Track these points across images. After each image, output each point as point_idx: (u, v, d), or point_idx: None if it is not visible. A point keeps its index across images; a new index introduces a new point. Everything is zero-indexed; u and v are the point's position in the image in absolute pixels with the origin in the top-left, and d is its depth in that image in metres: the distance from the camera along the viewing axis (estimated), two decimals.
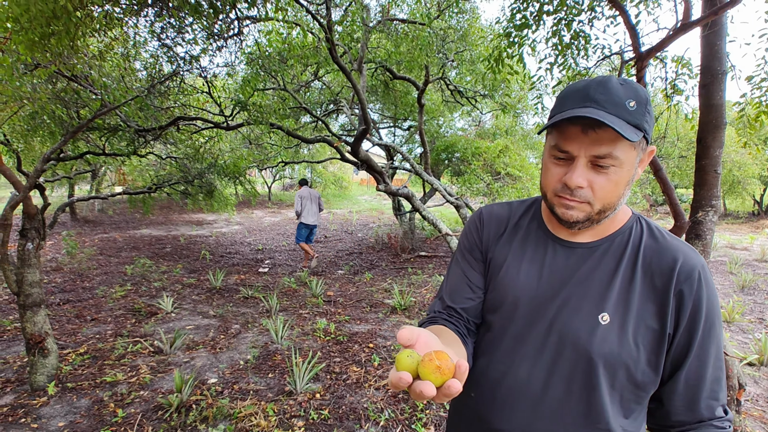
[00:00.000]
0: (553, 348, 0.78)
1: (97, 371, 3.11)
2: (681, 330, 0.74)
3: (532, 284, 0.83)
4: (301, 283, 5.92)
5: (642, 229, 0.81)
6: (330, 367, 3.25)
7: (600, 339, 0.74)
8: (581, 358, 0.76)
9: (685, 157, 8.89)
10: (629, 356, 0.74)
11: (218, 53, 4.11)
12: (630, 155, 0.71)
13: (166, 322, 4.25)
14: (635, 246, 0.79)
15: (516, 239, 0.89)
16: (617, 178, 0.72)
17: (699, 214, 2.00)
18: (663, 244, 0.78)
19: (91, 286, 5.61)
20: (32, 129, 4.53)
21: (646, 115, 0.70)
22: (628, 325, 0.74)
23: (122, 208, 15.43)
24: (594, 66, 2.76)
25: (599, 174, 0.72)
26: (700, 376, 0.74)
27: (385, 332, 4.03)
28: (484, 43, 5.20)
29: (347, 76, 4.18)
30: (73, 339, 3.73)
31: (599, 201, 0.73)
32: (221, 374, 3.13)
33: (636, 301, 0.75)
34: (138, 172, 8.27)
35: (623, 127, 0.67)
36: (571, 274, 0.80)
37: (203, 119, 4.60)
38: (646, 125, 0.70)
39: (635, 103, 0.70)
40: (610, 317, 0.75)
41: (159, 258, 7.70)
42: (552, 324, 0.78)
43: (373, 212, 17.69)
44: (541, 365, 0.79)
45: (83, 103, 3.45)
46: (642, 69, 1.95)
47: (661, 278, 0.75)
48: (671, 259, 0.75)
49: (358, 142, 4.67)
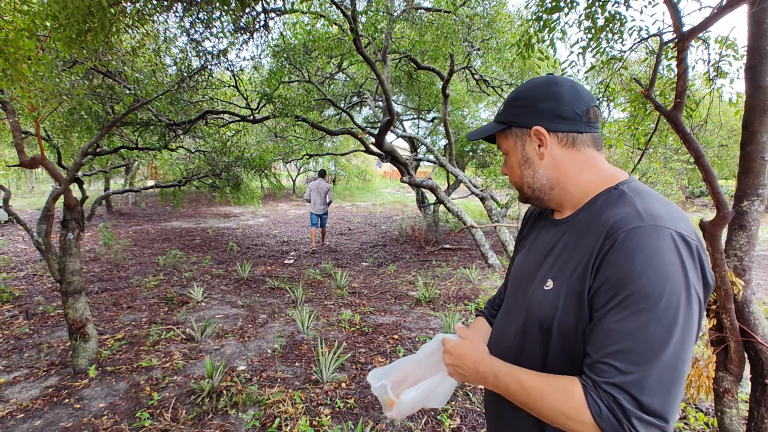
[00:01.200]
0: (522, 316, 0.86)
1: (134, 356, 3.25)
2: (595, 291, 0.70)
3: (520, 261, 0.96)
4: (326, 275, 5.99)
5: (610, 198, 0.78)
6: (355, 358, 3.28)
7: (539, 304, 0.80)
8: (530, 323, 0.83)
9: (726, 146, 8.44)
10: (560, 319, 0.75)
11: (245, 47, 4.17)
12: (508, 143, 0.88)
13: (196, 311, 4.39)
14: (594, 215, 0.78)
15: (537, 225, 0.98)
16: (511, 162, 0.89)
17: (744, 203, 1.89)
18: (616, 209, 0.74)
19: (126, 276, 5.85)
20: (71, 124, 4.73)
21: (510, 109, 0.86)
22: (562, 290, 0.76)
23: (154, 201, 16.00)
24: (629, 50, 2.64)
25: (505, 164, 0.92)
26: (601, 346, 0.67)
27: (409, 324, 4.03)
28: (511, 30, 5.06)
29: (372, 67, 4.16)
30: (111, 325, 3.91)
31: (514, 183, 0.91)
32: (250, 362, 3.21)
33: (571, 265, 0.76)
34: (168, 165, 8.54)
35: (490, 128, 0.89)
36: (546, 248, 0.86)
37: (230, 112, 4.68)
38: (511, 117, 0.86)
39: (503, 103, 0.89)
40: (553, 283, 0.79)
41: (189, 249, 7.95)
42: (527, 295, 0.86)
43: (397, 205, 17.68)
44: (515, 334, 0.87)
45: (117, 99, 3.57)
46: (683, 51, 1.85)
47: (594, 239, 0.73)
48: (607, 219, 0.73)
49: (382, 134, 4.65)
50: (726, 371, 1.81)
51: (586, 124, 0.81)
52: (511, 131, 0.86)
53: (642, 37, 2.42)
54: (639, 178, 10.38)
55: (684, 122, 1.83)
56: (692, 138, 1.79)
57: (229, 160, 7.46)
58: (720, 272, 1.71)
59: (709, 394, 1.83)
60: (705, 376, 1.81)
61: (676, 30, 1.85)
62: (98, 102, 3.55)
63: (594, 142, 0.83)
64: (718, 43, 2.25)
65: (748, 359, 1.79)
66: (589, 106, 0.82)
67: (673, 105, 1.85)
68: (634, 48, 2.66)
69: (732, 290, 1.72)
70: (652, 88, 1.98)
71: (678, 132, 1.83)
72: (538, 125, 0.82)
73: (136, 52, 3.78)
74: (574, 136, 0.82)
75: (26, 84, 2.43)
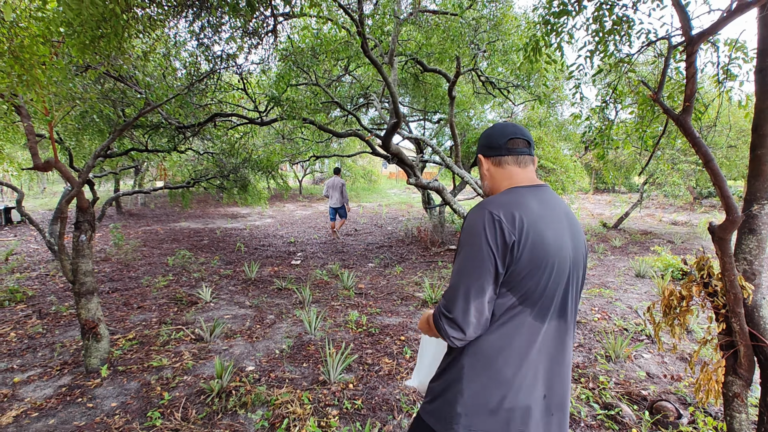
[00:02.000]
0: None
1: (145, 356, 3.30)
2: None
3: None
4: (332, 276, 6.02)
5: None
6: (362, 359, 3.30)
7: None
8: None
9: (735, 147, 8.35)
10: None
11: (253, 51, 4.21)
12: (481, 165, 1.28)
13: (205, 311, 4.44)
14: None
15: None
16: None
17: (753, 207, 1.88)
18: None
19: (136, 276, 5.93)
20: (83, 128, 4.81)
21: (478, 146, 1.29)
22: None
23: (163, 202, 16.16)
24: (637, 52, 2.64)
25: None
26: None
27: (416, 325, 4.04)
28: (518, 32, 5.06)
29: (378, 70, 4.18)
30: (122, 325, 3.96)
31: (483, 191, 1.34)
32: (258, 362, 3.25)
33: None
34: (177, 167, 8.62)
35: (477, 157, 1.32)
36: None
37: (239, 115, 4.73)
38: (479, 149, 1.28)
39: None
40: None
41: (197, 250, 8.03)
42: None
43: (402, 206, 17.69)
44: None
45: (128, 102, 3.62)
46: (692, 54, 1.84)
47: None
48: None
49: (389, 136, 4.67)
50: (735, 375, 1.81)
51: (506, 150, 1.19)
52: (478, 158, 1.29)
53: (650, 40, 2.42)
54: (647, 179, 10.29)
55: (693, 125, 1.83)
56: (701, 142, 1.79)
57: (236, 162, 7.52)
58: (729, 276, 1.71)
59: (718, 398, 1.83)
60: (714, 381, 1.80)
61: (684, 33, 1.85)
62: (110, 105, 3.60)
63: (516, 161, 1.20)
64: (728, 46, 2.24)
65: (758, 363, 1.79)
66: (509, 138, 1.19)
67: (681, 109, 1.85)
68: (642, 51, 2.66)
69: (741, 294, 1.71)
70: (660, 91, 1.97)
71: (687, 136, 1.82)
72: (479, 154, 1.27)
73: (147, 57, 3.84)
74: (498, 159, 1.21)
75: (40, 89, 2.48)
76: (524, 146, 1.19)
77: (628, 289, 5.27)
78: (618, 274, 6.18)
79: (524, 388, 1.05)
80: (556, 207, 1.13)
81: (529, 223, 1.03)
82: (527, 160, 1.19)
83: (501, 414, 1.04)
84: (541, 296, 1.05)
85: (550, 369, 1.09)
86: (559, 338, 1.10)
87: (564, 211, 1.14)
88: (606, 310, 4.37)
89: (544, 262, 1.04)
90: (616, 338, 3.44)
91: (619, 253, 8.20)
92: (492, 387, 1.04)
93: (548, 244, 1.05)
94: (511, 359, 1.04)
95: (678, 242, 9.21)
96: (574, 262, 1.11)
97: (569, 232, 1.12)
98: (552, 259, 1.05)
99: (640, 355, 3.36)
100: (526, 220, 1.03)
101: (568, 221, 1.13)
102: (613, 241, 9.12)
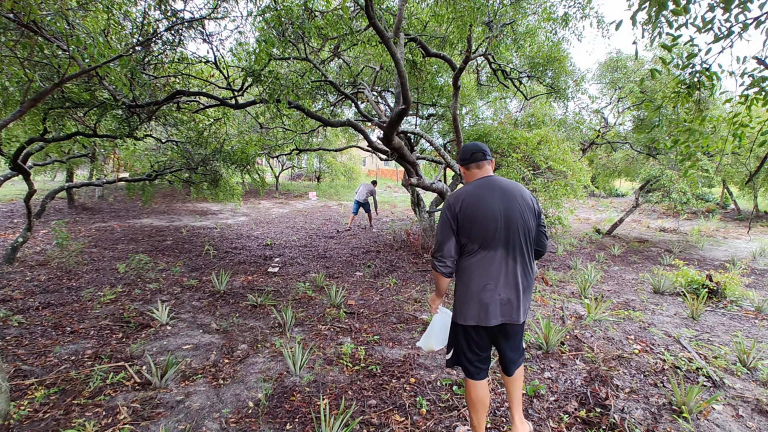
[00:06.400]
0: None
1: (63, 415, 2.38)
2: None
3: None
4: (316, 288, 5.18)
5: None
6: (365, 415, 2.50)
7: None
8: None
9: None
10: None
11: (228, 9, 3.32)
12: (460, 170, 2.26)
13: (158, 339, 3.53)
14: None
15: None
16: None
17: None
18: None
19: (77, 286, 4.91)
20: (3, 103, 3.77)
21: (457, 159, 2.39)
22: None
23: (123, 196, 14.77)
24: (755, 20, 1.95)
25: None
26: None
27: (425, 360, 3.27)
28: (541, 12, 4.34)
29: (385, 43, 3.38)
30: (42, 362, 3.01)
31: None
32: (223, 423, 2.39)
33: None
34: (135, 157, 7.53)
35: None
36: None
37: (207, 94, 3.81)
38: (458, 161, 2.25)
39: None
40: None
41: (158, 252, 6.99)
42: None
43: (385, 205, 16.90)
44: None
45: (49, 64, 2.67)
46: None
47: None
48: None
49: (393, 126, 3.87)
50: None
51: (471, 160, 2.09)
52: (459, 166, 2.22)
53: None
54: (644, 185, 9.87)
55: None
56: None
57: (206, 153, 6.54)
58: None
59: None
60: None
61: None
62: (23, 69, 2.63)
63: (476, 166, 2.09)
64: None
65: None
66: (472, 153, 2.09)
67: None
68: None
69: None
70: None
71: None
72: (459, 164, 2.18)
73: (86, 8, 2.90)
74: (468, 165, 2.12)
75: None
76: (481, 157, 2.08)
77: (655, 310, 4.68)
78: (634, 290, 5.61)
79: (487, 290, 1.95)
80: (493, 188, 2.00)
81: (466, 202, 1.97)
82: (484, 163, 2.09)
83: (473, 304, 1.97)
84: (485, 238, 1.94)
85: (504, 278, 1.96)
86: (505, 261, 1.96)
87: (500, 189, 2.00)
88: (644, 339, 3.73)
89: (479, 220, 1.94)
90: (680, 383, 2.78)
91: (620, 262, 7.71)
92: (466, 291, 2.00)
93: (482, 210, 1.94)
94: (474, 275, 1.97)
95: (676, 251, 8.85)
96: (507, 216, 1.95)
97: (500, 200, 1.96)
98: (485, 217, 1.93)
99: (710, 406, 2.70)
100: (465, 200, 1.97)
101: (501, 194, 1.98)
102: (611, 250, 8.65)
